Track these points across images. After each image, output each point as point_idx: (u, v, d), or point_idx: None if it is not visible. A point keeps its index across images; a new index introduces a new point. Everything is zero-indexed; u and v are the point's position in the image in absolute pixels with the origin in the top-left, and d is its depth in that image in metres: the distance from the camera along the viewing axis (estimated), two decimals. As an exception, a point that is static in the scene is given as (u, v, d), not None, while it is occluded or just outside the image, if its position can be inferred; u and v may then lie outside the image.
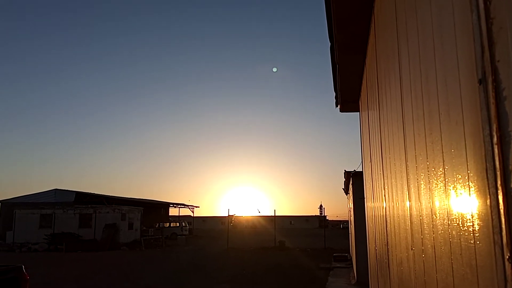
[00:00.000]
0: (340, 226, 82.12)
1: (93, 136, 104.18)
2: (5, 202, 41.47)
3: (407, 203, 2.66)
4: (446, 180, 1.67)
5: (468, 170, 1.38)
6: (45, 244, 31.42)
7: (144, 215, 40.13)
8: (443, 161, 1.71)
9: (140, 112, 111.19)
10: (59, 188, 42.05)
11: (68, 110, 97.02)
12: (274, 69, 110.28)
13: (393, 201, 3.41)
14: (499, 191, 1.10)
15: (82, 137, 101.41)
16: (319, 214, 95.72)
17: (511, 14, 1.05)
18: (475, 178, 1.30)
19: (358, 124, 8.30)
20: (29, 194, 42.01)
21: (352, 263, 18.37)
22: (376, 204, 5.13)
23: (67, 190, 41.71)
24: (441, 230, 1.80)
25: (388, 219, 3.85)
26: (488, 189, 1.17)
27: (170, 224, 47.09)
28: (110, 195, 44.65)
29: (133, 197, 51.89)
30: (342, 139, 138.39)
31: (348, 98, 7.90)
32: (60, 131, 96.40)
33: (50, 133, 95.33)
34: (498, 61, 1.10)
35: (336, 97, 8.24)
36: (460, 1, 1.41)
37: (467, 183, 1.39)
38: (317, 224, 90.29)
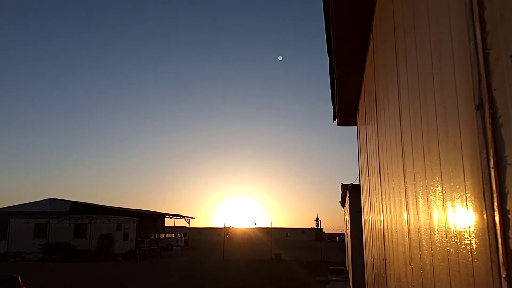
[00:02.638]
0: (336, 239, 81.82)
1: (89, 145, 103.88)
2: (0, 212, 41.14)
3: (405, 220, 2.71)
4: (445, 199, 1.73)
5: (466, 191, 1.44)
6: (39, 254, 31.13)
7: (139, 226, 39.88)
8: (442, 180, 1.77)
9: (135, 122, 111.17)
10: (54, 197, 41.80)
11: (63, 119, 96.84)
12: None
13: (391, 216, 3.46)
14: (495, 212, 1.16)
15: (78, 147, 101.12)
16: (315, 227, 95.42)
17: (507, 46, 1.12)
18: (473, 199, 1.36)
19: (355, 138, 8.39)
20: (24, 203, 41.69)
21: (348, 277, 18.31)
22: (374, 217, 5.18)
23: (62, 200, 41.46)
24: (440, 247, 1.85)
25: (386, 233, 3.90)
26: (486, 210, 1.23)
27: (165, 235, 46.81)
28: (106, 205, 44.41)
29: (128, 207, 51.65)
30: (339, 152, 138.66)
31: (345, 113, 7.99)
32: (56, 140, 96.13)
33: (45, 142, 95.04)
34: (495, 90, 1.17)
35: (334, 111, 8.34)
36: (458, 30, 1.48)
37: (465, 203, 1.45)
38: (313, 237, 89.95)
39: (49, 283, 17.66)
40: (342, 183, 16.06)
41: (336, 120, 8.45)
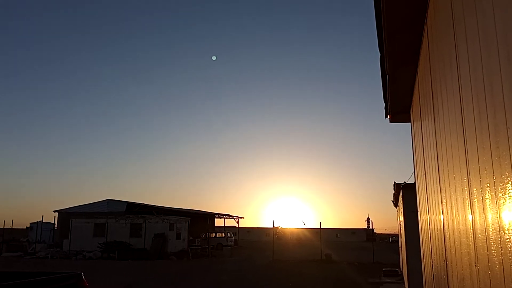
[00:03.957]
0: (388, 239, 79.48)
1: (143, 147, 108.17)
2: (62, 212, 43.76)
3: (470, 218, 2.58)
4: (517, 195, 1.63)
5: (543, 186, 1.35)
6: (98, 252, 32.80)
7: (191, 225, 40.94)
8: (513, 175, 1.67)
9: (185, 124, 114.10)
10: (111, 198, 43.86)
11: (119, 124, 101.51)
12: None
13: (452, 215, 3.31)
14: None
15: (133, 149, 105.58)
16: (366, 227, 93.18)
17: None
18: (552, 195, 1.27)
19: (409, 134, 8.11)
20: (84, 204, 44.10)
21: (403, 279, 17.73)
22: (432, 217, 4.98)
23: (119, 201, 43.42)
24: (511, 246, 1.74)
25: (446, 233, 3.73)
26: None
27: (216, 235, 47.69)
28: (159, 205, 45.97)
29: (180, 207, 53.16)
30: (391, 149, 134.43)
31: (398, 109, 7.74)
32: (112, 145, 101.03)
33: (102, 147, 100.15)
34: None
35: (385, 108, 8.10)
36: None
37: (542, 199, 1.36)
38: (364, 237, 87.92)
39: (109, 280, 18.55)
40: (395, 182, 15.57)
41: (388, 117, 8.21)
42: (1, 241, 37.79)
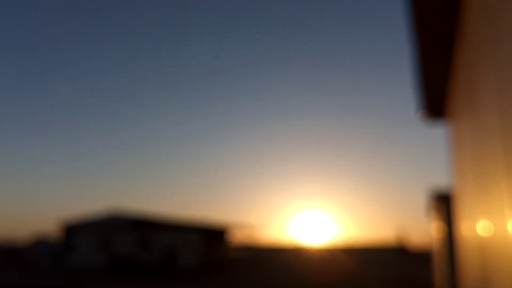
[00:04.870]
0: (422, 253, 78.23)
1: (152, 157, 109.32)
2: (66, 225, 44.44)
3: (510, 228, 2.58)
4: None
5: None
6: (104, 267, 33.22)
7: (204, 239, 41.04)
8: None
9: (202, 133, 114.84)
10: (118, 210, 44.34)
11: (126, 131, 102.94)
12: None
13: (491, 225, 3.30)
14: None
15: (141, 154, 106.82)
16: (397, 241, 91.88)
17: None
18: None
19: (442, 140, 8.05)
20: (89, 217, 44.69)
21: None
22: (469, 226, 4.94)
23: (126, 213, 43.86)
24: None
25: (487, 243, 3.71)
26: None
27: (232, 249, 47.64)
28: (169, 217, 46.20)
29: (193, 219, 53.32)
30: (423, 157, 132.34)
31: (432, 108, 7.71)
32: (119, 153, 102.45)
33: (108, 155, 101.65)
34: None
35: (419, 107, 8.08)
36: None
37: None
38: (395, 252, 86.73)
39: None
40: (428, 192, 15.38)
41: (421, 117, 8.18)
42: (4, 256, 38.69)
